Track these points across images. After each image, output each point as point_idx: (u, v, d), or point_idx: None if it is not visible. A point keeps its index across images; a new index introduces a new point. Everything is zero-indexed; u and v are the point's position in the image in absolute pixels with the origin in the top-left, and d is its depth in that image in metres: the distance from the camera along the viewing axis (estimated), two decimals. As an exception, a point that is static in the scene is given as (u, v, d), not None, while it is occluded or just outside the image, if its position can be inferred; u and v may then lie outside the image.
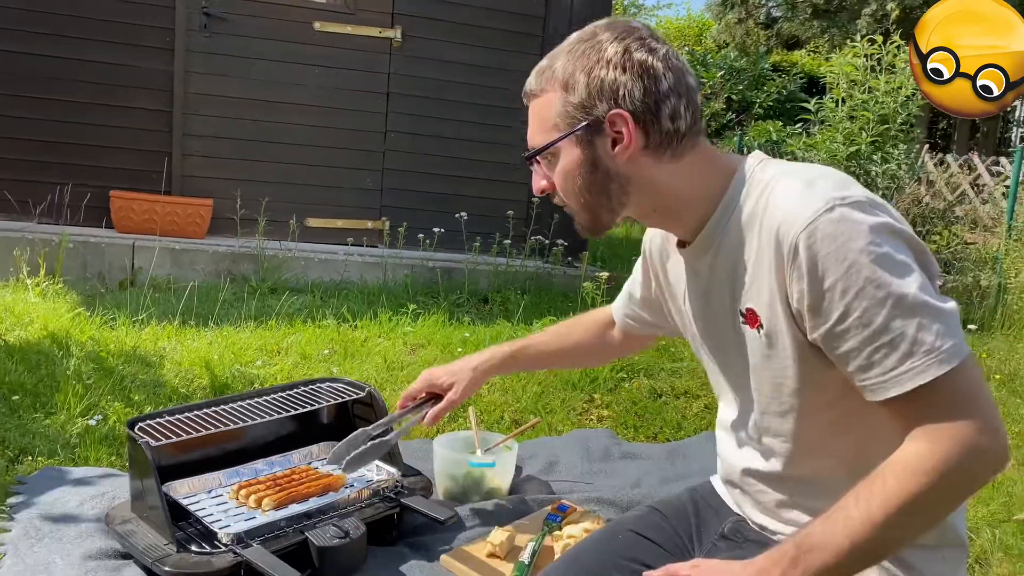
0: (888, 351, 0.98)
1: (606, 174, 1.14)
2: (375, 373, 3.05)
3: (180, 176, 4.83)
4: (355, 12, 5.03)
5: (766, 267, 1.08)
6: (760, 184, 1.11)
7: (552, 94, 1.14)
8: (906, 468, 0.98)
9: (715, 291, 1.19)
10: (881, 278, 0.98)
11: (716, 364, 1.28)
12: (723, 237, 1.14)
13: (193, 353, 3.00)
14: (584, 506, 1.99)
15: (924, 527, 1.03)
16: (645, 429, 2.88)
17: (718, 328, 1.22)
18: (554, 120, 1.14)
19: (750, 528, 1.30)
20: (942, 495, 0.98)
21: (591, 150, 1.13)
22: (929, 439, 0.98)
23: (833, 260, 0.99)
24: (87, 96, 4.65)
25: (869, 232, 0.99)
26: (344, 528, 1.64)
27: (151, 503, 1.64)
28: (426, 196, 5.25)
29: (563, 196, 1.19)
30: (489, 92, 5.27)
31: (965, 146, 12.67)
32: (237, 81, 4.87)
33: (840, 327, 1.00)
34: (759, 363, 1.15)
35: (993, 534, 2.21)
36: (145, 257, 4.34)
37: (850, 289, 0.98)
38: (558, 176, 1.17)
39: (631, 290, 1.54)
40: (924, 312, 0.98)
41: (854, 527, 0.98)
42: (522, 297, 4.43)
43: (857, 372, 1.01)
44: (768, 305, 1.09)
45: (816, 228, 1.00)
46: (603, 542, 1.34)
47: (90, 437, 2.31)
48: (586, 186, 1.15)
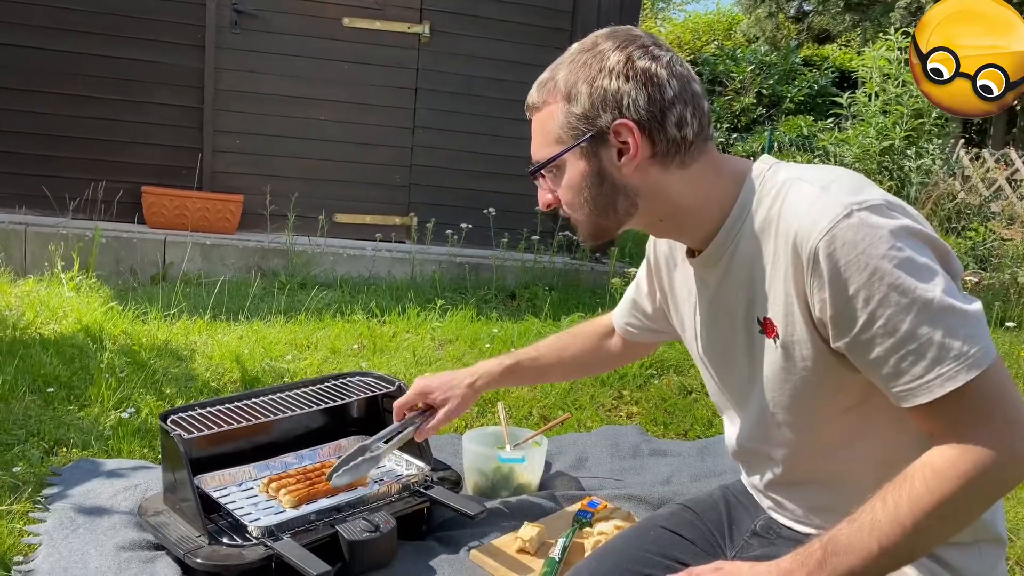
0: (916, 358, 0.96)
1: (613, 185, 1.11)
2: (404, 368, 3.05)
3: (211, 172, 4.87)
4: (384, 8, 5.03)
5: (782, 275, 1.05)
6: (772, 189, 1.08)
7: (555, 106, 1.11)
8: (936, 472, 0.97)
9: (728, 301, 1.16)
10: (905, 283, 0.95)
11: (718, 377, 1.26)
12: (736, 245, 1.11)
13: (224, 347, 3.03)
14: (614, 503, 1.97)
15: (952, 531, 1.01)
16: (675, 426, 2.85)
17: (727, 339, 1.19)
18: (557, 133, 1.11)
19: (781, 526, 1.28)
20: (971, 499, 0.97)
21: (596, 162, 1.11)
22: (959, 443, 0.96)
23: (855, 268, 0.97)
24: (119, 93, 4.71)
25: (890, 236, 0.97)
26: (374, 522, 1.64)
27: (183, 495, 1.65)
28: (454, 192, 5.25)
29: (569, 209, 1.16)
30: (517, 87, 5.22)
31: (1001, 140, 12.44)
32: (267, 77, 4.90)
33: (865, 335, 0.98)
34: (776, 373, 1.12)
35: (1033, 536, 2.16)
36: (176, 252, 4.38)
37: (873, 297, 0.96)
38: (564, 190, 1.14)
39: (634, 296, 1.51)
40: (950, 316, 0.96)
41: (883, 530, 0.97)
42: (550, 293, 4.42)
43: (886, 380, 1.00)
44: (784, 314, 1.07)
45: (835, 235, 0.97)
46: (634, 539, 1.33)
47: (123, 429, 2.33)
48: (593, 199, 1.13)
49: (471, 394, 1.64)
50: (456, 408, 1.63)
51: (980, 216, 6.03)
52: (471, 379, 1.64)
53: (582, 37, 1.15)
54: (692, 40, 14.14)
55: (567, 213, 1.18)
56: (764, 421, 1.18)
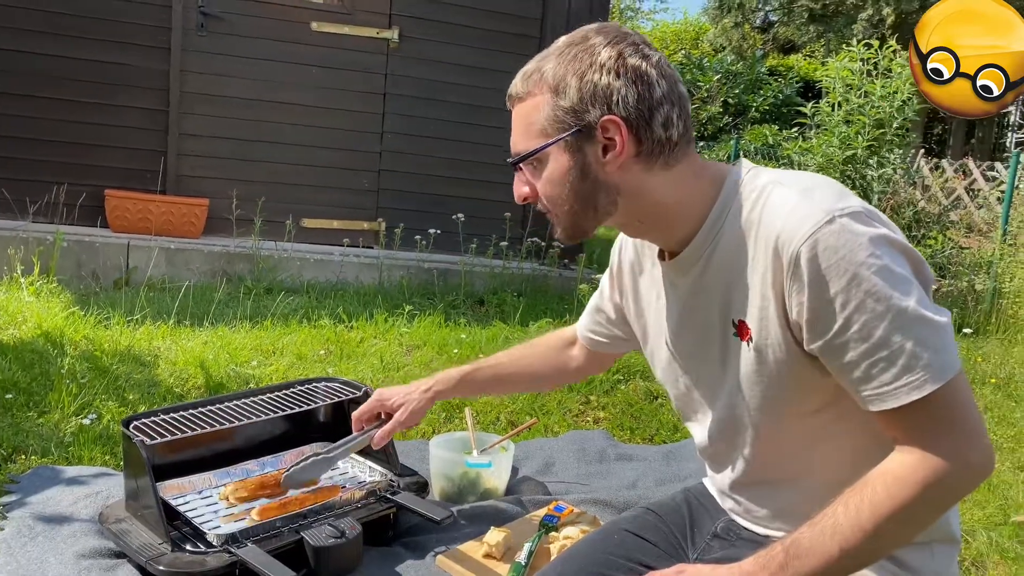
0: (886, 365, 0.98)
1: (595, 182, 1.11)
2: (371, 374, 3.04)
3: (176, 176, 4.82)
4: (352, 13, 5.02)
5: (759, 277, 1.06)
6: (753, 193, 1.09)
7: (540, 98, 1.10)
8: (896, 479, 0.99)
9: (701, 304, 1.16)
10: (881, 291, 0.97)
11: (688, 379, 1.25)
12: (714, 248, 1.12)
13: (188, 353, 2.99)
14: (580, 507, 1.99)
15: (910, 535, 1.05)
16: (641, 431, 2.88)
17: (699, 343, 1.19)
18: (542, 125, 1.10)
19: (742, 528, 1.30)
20: (927, 505, 1.00)
21: (580, 156, 1.10)
22: (919, 450, 1.00)
23: (835, 272, 0.98)
24: (83, 95, 4.64)
25: (869, 244, 0.99)
26: (340, 528, 1.63)
27: (145, 502, 1.63)
28: (422, 197, 5.25)
29: (547, 203, 1.15)
30: (486, 93, 5.26)
31: (960, 151, 12.71)
32: (233, 81, 4.87)
33: (840, 339, 1.00)
34: (748, 375, 1.13)
35: (989, 537, 2.21)
36: (140, 256, 4.32)
37: (850, 302, 0.98)
38: (544, 183, 1.13)
39: (597, 303, 1.49)
40: (922, 326, 0.98)
41: (844, 534, 0.99)
42: (518, 299, 4.43)
43: (856, 384, 1.02)
44: (760, 317, 1.08)
45: (817, 240, 0.99)
46: (599, 542, 1.34)
47: (84, 436, 2.30)
48: (573, 194, 1.12)
49: (426, 401, 1.62)
50: (409, 416, 1.62)
51: (939, 224, 6.15)
52: (427, 386, 1.63)
53: (550, 45, 1.15)
54: (660, 49, 14.26)
55: (544, 207, 1.16)
56: (733, 422, 1.19)
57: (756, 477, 1.22)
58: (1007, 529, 2.27)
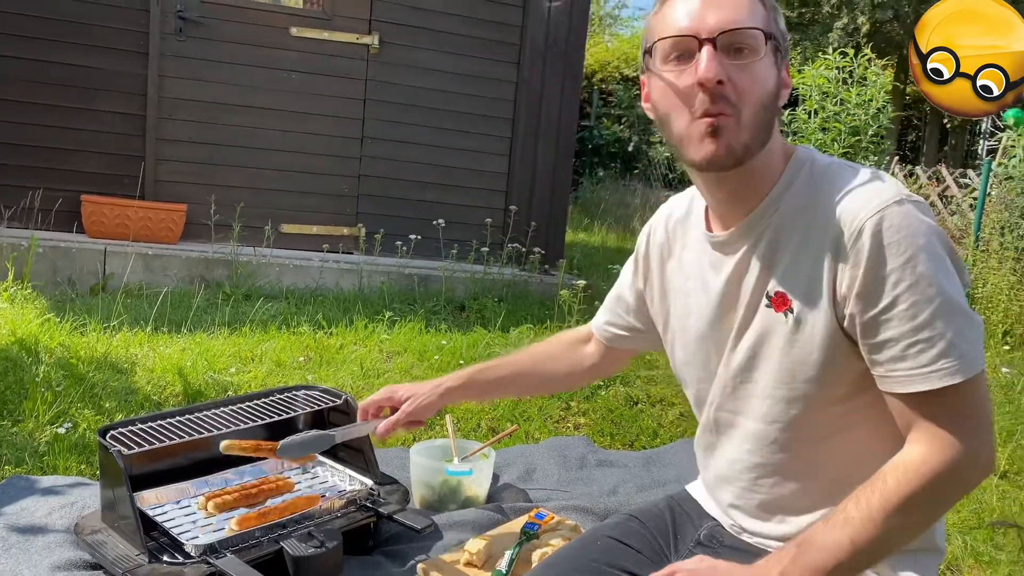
0: (925, 347, 1.01)
1: (776, 105, 1.10)
2: (351, 381, 3.03)
3: (154, 181, 4.78)
4: (332, 18, 5.01)
5: (814, 249, 1.08)
6: (817, 171, 1.12)
7: (759, 2, 1.09)
8: (907, 469, 1.02)
9: (740, 279, 1.17)
10: (934, 277, 1.01)
11: (713, 359, 1.24)
12: (771, 220, 1.13)
13: (166, 360, 2.97)
14: (561, 514, 1.99)
15: (921, 527, 1.06)
16: (621, 437, 2.89)
17: (730, 318, 1.19)
18: (768, 23, 1.08)
19: (726, 534, 1.30)
20: (936, 498, 1.02)
21: (776, 74, 1.10)
22: (932, 442, 1.02)
23: (894, 250, 1.01)
24: (59, 99, 4.59)
25: (930, 232, 1.03)
26: (320, 538, 1.62)
27: (122, 513, 1.61)
28: (403, 203, 5.24)
29: (744, 99, 1.06)
30: (467, 99, 5.27)
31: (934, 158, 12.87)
32: (212, 86, 4.83)
33: (885, 316, 1.02)
34: (780, 347, 1.13)
35: (964, 541, 2.24)
36: (117, 262, 4.28)
37: (903, 280, 1.01)
38: (756, 75, 1.06)
39: (618, 293, 1.48)
40: (963, 319, 1.02)
41: (855, 526, 1.01)
42: (499, 305, 4.43)
43: (889, 362, 1.04)
44: (806, 288, 1.09)
45: (883, 216, 1.02)
46: (581, 549, 1.34)
47: (59, 445, 2.27)
48: (770, 103, 1.08)
49: (436, 397, 1.55)
50: (416, 409, 1.53)
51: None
52: (438, 382, 1.57)
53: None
54: (639, 56, 14.34)
55: (733, 104, 1.05)
56: (752, 396, 1.18)
57: (760, 460, 1.21)
58: (981, 533, 2.30)
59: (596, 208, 10.09)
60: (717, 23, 1.05)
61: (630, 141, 12.26)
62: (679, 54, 1.08)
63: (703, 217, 1.25)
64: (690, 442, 2.70)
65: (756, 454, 1.21)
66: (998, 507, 2.51)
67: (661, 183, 11.13)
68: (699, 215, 1.27)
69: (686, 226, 1.31)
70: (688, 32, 1.06)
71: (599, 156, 12.61)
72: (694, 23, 1.06)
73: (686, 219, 1.31)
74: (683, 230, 1.31)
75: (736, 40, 1.05)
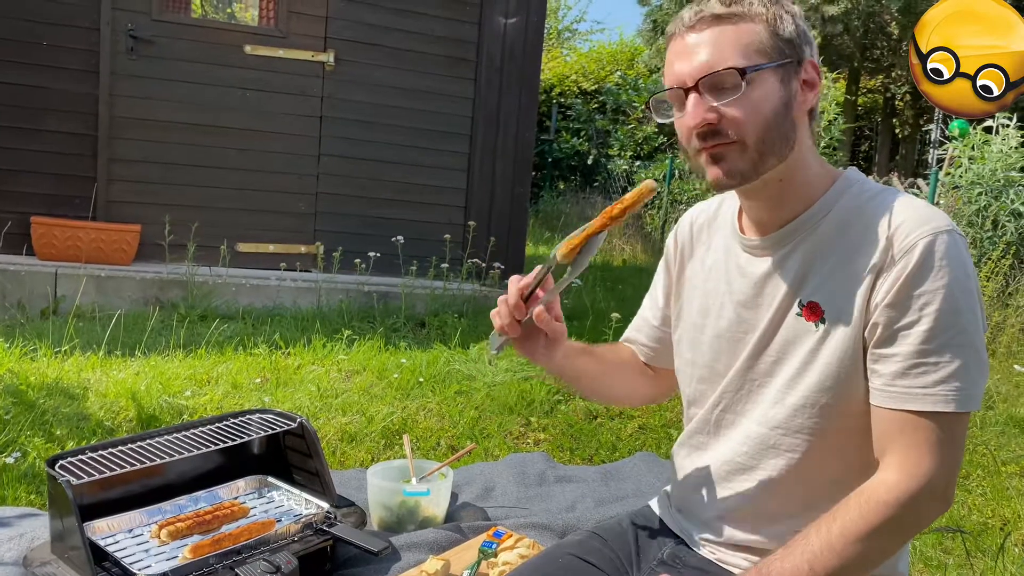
0: (929, 370, 1.05)
1: (790, 119, 1.14)
2: (308, 402, 3.01)
3: (106, 201, 4.71)
4: (287, 36, 4.99)
5: (856, 264, 1.11)
6: (866, 193, 1.15)
7: (755, 25, 1.12)
8: (869, 499, 1.05)
9: (770, 283, 1.19)
10: (961, 309, 1.05)
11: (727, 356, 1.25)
12: (810, 232, 1.16)
13: (119, 384, 2.92)
14: (520, 531, 1.99)
15: (880, 556, 1.07)
16: (581, 451, 2.90)
17: (752, 320, 1.21)
18: (760, 46, 1.11)
19: (690, 553, 1.31)
20: (897, 527, 1.05)
21: (787, 88, 1.13)
22: (903, 467, 1.05)
23: (935, 273, 1.05)
24: (8, 120, 4.51)
25: (968, 269, 1.08)
26: (275, 563, 1.61)
27: (72, 544, 1.58)
28: (361, 220, 5.23)
29: (739, 129, 1.10)
30: (424, 116, 5.28)
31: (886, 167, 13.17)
32: (165, 104, 4.78)
33: (904, 331, 1.06)
34: (803, 355, 1.15)
35: (914, 547, 2.29)
36: (69, 285, 4.21)
37: (931, 304, 1.05)
38: (748, 105, 1.10)
39: (653, 296, 1.46)
40: (974, 356, 1.06)
41: (813, 552, 1.03)
42: (459, 320, 4.44)
43: (890, 376, 1.07)
44: (841, 302, 1.11)
45: (938, 239, 1.06)
46: (543, 566, 1.33)
47: (8, 475, 2.22)
48: (775, 123, 1.12)
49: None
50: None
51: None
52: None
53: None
54: (596, 70, 14.47)
55: (732, 135, 1.11)
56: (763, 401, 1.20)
57: (754, 463, 1.21)
58: (930, 538, 2.36)
59: (557, 220, 10.17)
60: (697, 68, 1.12)
61: (589, 154, 12.36)
62: (677, 100, 1.16)
63: (735, 219, 1.29)
64: (648, 455, 2.74)
65: (751, 456, 1.22)
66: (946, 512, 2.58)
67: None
68: (727, 219, 1.31)
69: (711, 229, 1.35)
70: (675, 84, 1.14)
71: (559, 169, 12.70)
72: (682, 71, 1.14)
73: (711, 223, 1.35)
74: (707, 233, 1.35)
75: (716, 81, 1.11)
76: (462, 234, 5.30)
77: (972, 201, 5.72)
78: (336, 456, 2.67)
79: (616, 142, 12.10)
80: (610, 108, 12.92)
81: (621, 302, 5.47)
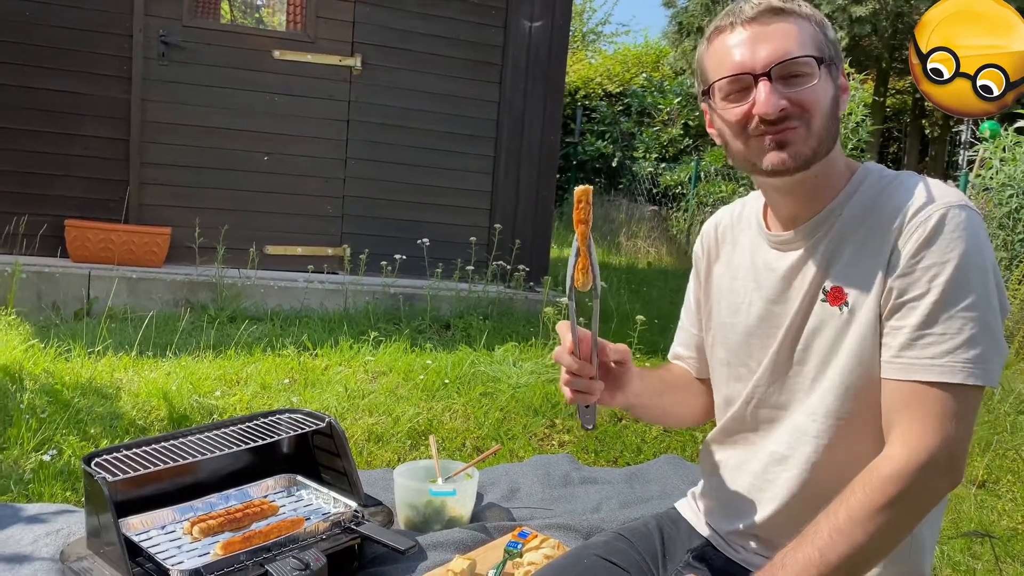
0: (935, 341, 1.05)
1: (836, 114, 1.18)
2: (336, 402, 3.04)
3: (138, 205, 4.79)
4: (315, 40, 5.05)
5: (875, 242, 1.12)
6: (885, 179, 1.17)
7: (808, 23, 1.16)
8: (874, 476, 1.04)
9: (797, 276, 1.21)
10: (973, 284, 1.05)
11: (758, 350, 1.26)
12: (835, 222, 1.18)
13: (151, 384, 2.97)
14: (545, 532, 2.01)
15: (892, 535, 1.04)
16: (605, 453, 2.91)
17: (781, 314, 1.22)
18: (817, 43, 1.15)
19: (717, 555, 1.31)
20: (901, 503, 1.02)
21: (833, 86, 1.17)
22: (908, 441, 1.04)
23: (946, 244, 1.06)
24: (43, 125, 4.60)
25: (983, 247, 1.07)
26: (304, 560, 1.64)
27: (108, 539, 1.62)
28: (387, 223, 5.27)
29: (809, 116, 1.13)
30: (449, 119, 5.32)
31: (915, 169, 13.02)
32: (196, 109, 4.86)
33: (913, 302, 1.07)
34: (831, 339, 1.16)
35: (942, 551, 2.27)
36: (101, 287, 4.28)
37: (941, 275, 1.06)
38: (818, 94, 1.14)
39: (688, 307, 1.47)
40: (983, 330, 1.05)
41: (823, 538, 1.03)
42: (484, 323, 4.46)
43: (900, 347, 1.07)
44: (861, 282, 1.13)
45: (950, 211, 1.07)
46: (569, 567, 1.34)
47: (44, 472, 2.27)
48: (832, 116, 1.16)
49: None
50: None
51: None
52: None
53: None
54: (621, 72, 14.46)
55: (801, 119, 1.13)
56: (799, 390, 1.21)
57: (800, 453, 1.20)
58: (958, 543, 2.34)
59: (581, 224, 10.13)
60: (769, 57, 1.13)
61: (614, 156, 12.34)
62: (737, 89, 1.16)
63: (760, 218, 1.31)
64: (674, 458, 2.74)
65: (789, 446, 1.22)
66: (975, 516, 2.55)
67: (645, 198, 11.20)
68: (751, 218, 1.33)
69: (736, 230, 1.36)
70: (742, 70, 1.14)
71: (583, 172, 12.69)
72: (747, 59, 1.14)
73: (736, 224, 1.37)
74: (732, 234, 1.36)
75: (790, 70, 1.13)
76: (487, 236, 5.32)
77: (1003, 203, 5.64)
78: (363, 456, 2.70)
79: (641, 144, 12.07)
80: (635, 110, 12.90)
81: (646, 304, 5.47)
